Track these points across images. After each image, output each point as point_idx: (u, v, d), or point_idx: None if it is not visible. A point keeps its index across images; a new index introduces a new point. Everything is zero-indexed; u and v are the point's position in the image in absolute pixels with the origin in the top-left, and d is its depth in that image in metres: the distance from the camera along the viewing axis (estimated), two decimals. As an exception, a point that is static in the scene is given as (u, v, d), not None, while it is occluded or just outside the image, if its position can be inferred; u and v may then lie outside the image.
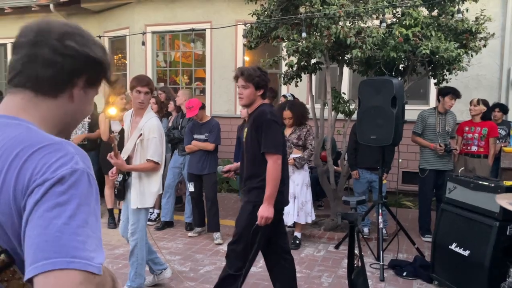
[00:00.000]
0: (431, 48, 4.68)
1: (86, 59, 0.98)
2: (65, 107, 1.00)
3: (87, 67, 0.99)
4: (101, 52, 1.02)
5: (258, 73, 3.08)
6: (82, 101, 1.02)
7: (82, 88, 1.00)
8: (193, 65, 8.70)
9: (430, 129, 5.32)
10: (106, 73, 1.05)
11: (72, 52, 0.96)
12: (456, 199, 3.82)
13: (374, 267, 4.37)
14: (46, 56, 0.94)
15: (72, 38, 0.97)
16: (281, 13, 5.20)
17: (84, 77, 0.99)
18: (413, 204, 6.64)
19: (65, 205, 0.82)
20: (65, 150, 0.88)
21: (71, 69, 0.97)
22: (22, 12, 10.09)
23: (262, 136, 2.98)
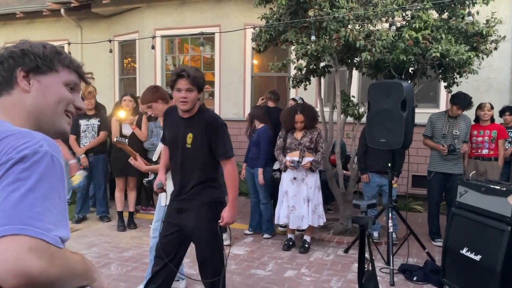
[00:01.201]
0: (441, 51, 4.65)
1: (18, 54, 1.09)
2: (25, 99, 1.08)
3: (19, 60, 1.08)
4: (38, 47, 1.12)
5: (200, 75, 2.94)
6: (40, 89, 1.10)
7: (27, 78, 1.08)
8: (202, 69, 8.73)
9: (437, 132, 5.31)
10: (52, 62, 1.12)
11: (8, 53, 1.09)
12: (467, 203, 3.78)
13: (384, 272, 4.34)
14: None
15: (16, 45, 1.11)
16: (290, 16, 5.20)
17: (21, 68, 1.08)
18: (423, 208, 6.59)
19: (25, 180, 0.87)
20: (31, 136, 0.94)
21: (7, 67, 1.08)
22: (33, 17, 10.22)
23: (219, 141, 2.89)
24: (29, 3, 10.30)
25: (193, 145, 2.94)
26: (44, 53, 1.11)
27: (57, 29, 10.26)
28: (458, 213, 3.85)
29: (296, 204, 4.91)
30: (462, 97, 5.20)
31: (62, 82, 1.14)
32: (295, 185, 4.93)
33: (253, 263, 4.63)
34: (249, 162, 5.53)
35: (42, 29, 10.41)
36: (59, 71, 1.13)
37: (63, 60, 1.14)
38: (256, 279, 4.22)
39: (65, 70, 1.15)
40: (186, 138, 2.97)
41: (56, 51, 1.14)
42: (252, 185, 5.53)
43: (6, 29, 10.79)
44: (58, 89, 1.13)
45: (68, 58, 1.16)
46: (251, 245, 5.22)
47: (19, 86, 1.08)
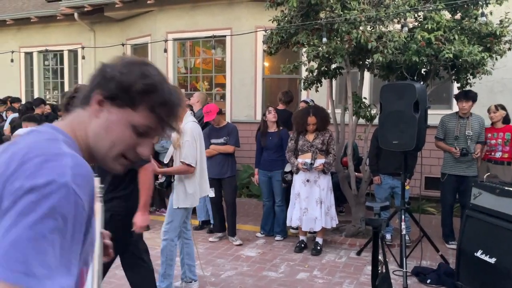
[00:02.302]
0: (454, 52, 4.62)
1: (106, 76, 1.01)
2: (92, 121, 1.01)
3: (104, 82, 1.00)
4: (128, 72, 1.00)
5: None
6: (106, 121, 1.00)
7: (100, 102, 1.00)
8: (213, 71, 8.78)
9: (449, 134, 5.26)
10: (133, 98, 0.99)
11: (101, 72, 1.02)
12: (481, 205, 3.74)
13: (397, 274, 4.31)
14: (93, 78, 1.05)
15: (111, 63, 1.04)
16: (301, 18, 5.21)
17: (99, 92, 1.00)
18: (436, 210, 6.53)
19: (27, 214, 0.77)
20: (58, 161, 0.85)
21: (93, 83, 1.02)
22: (47, 21, 10.38)
23: None
24: (43, 7, 10.46)
25: None
26: (132, 86, 0.98)
27: (71, 33, 10.40)
28: (472, 215, 3.81)
29: (308, 206, 4.91)
30: (462, 91, 5.20)
31: (132, 123, 0.99)
32: (308, 187, 4.93)
33: (265, 265, 4.63)
34: (267, 165, 5.49)
35: (56, 33, 10.56)
36: (137, 110, 0.99)
37: (151, 101, 0.99)
38: (268, 281, 4.22)
39: (145, 112, 1.00)
40: None
41: (148, 89, 0.99)
42: (268, 188, 5.51)
43: (21, 34, 10.96)
44: (121, 130, 1.00)
45: (159, 101, 1.00)
46: (263, 247, 5.23)
47: (92, 106, 1.01)
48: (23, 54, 10.86)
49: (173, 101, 1.02)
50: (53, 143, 0.91)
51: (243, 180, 7.60)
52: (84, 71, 10.39)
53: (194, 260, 3.99)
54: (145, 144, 1.03)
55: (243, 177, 7.61)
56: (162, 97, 1.00)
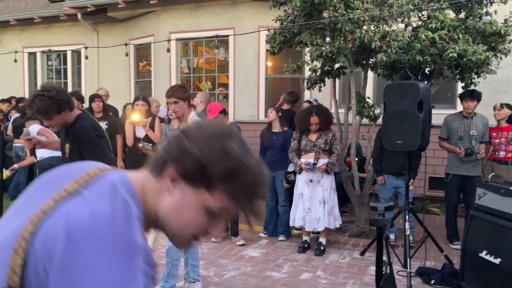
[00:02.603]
0: (458, 51, 4.59)
1: (182, 149, 0.90)
2: (163, 197, 0.93)
3: (179, 156, 0.90)
4: (207, 149, 0.89)
5: (49, 102, 2.80)
6: (178, 201, 0.91)
7: (174, 179, 0.91)
8: (216, 71, 8.77)
9: (453, 134, 5.24)
10: (209, 179, 0.88)
11: (176, 142, 0.92)
12: (486, 206, 3.72)
13: (401, 275, 4.29)
14: (166, 144, 0.95)
15: (188, 131, 0.94)
16: (305, 18, 5.19)
17: (173, 168, 0.90)
18: (440, 210, 6.50)
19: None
20: (134, 263, 0.79)
21: (168, 154, 0.92)
22: (50, 21, 10.40)
23: (87, 155, 2.81)
24: (47, 8, 10.49)
25: (69, 155, 2.97)
26: (211, 169, 0.87)
27: (74, 33, 10.42)
28: (476, 216, 3.79)
29: (311, 206, 4.89)
30: (466, 90, 5.18)
31: (206, 206, 0.91)
32: (311, 187, 4.91)
33: (268, 265, 4.62)
34: (269, 165, 5.47)
35: (60, 33, 10.58)
36: (214, 192, 0.89)
37: (230, 185, 0.89)
38: (272, 281, 4.21)
39: (222, 195, 0.89)
40: (65, 148, 3.00)
41: (229, 174, 0.88)
42: (271, 188, 5.50)
43: (25, 34, 10.99)
44: (195, 213, 0.92)
45: (240, 186, 0.89)
46: (266, 247, 5.22)
47: (164, 181, 0.92)
48: (26, 54, 10.89)
49: (256, 184, 0.91)
50: (129, 230, 0.83)
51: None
52: (87, 71, 10.42)
53: (198, 260, 3.97)
54: (218, 225, 0.94)
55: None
56: (243, 182, 0.89)
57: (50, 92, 2.83)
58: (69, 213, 0.83)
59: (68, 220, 0.81)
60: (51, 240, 0.79)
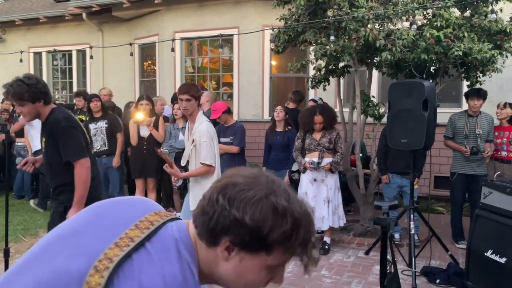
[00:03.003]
0: (463, 50, 4.56)
1: (232, 220, 0.87)
2: (220, 263, 0.92)
3: (231, 226, 0.87)
4: (259, 216, 0.86)
5: (23, 89, 2.86)
6: (237, 267, 0.91)
7: (230, 250, 0.90)
8: (221, 71, 8.78)
9: (458, 132, 5.20)
10: (267, 241, 0.87)
11: (220, 209, 0.88)
12: (491, 205, 3.70)
13: (406, 274, 4.27)
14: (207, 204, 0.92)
15: (228, 193, 0.89)
16: (309, 17, 5.18)
17: (228, 238, 0.88)
18: (445, 209, 6.47)
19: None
20: None
21: (216, 224, 0.89)
22: (56, 21, 10.45)
23: (61, 145, 2.93)
24: (52, 8, 10.53)
25: (45, 149, 3.04)
26: (267, 235, 0.86)
27: (79, 33, 10.45)
28: (482, 215, 3.77)
29: (316, 205, 4.88)
30: (473, 89, 5.14)
31: (266, 265, 0.91)
32: (315, 186, 4.91)
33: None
34: (274, 165, 5.47)
35: (65, 33, 10.62)
36: (272, 252, 0.89)
37: (290, 241, 0.88)
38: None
39: (281, 253, 0.90)
40: (41, 142, 3.09)
41: (286, 236, 0.87)
42: None
43: (30, 34, 11.04)
44: (256, 275, 0.92)
45: (296, 243, 0.89)
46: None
47: (219, 251, 0.91)
48: (32, 54, 10.94)
49: (309, 233, 0.91)
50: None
51: (250, 179, 7.58)
52: (92, 71, 10.46)
53: None
54: (279, 274, 0.96)
55: (250, 176, 7.59)
56: (299, 237, 0.89)
57: (30, 80, 2.91)
58: (141, 279, 0.83)
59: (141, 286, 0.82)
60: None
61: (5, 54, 9.87)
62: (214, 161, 3.59)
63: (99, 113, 5.93)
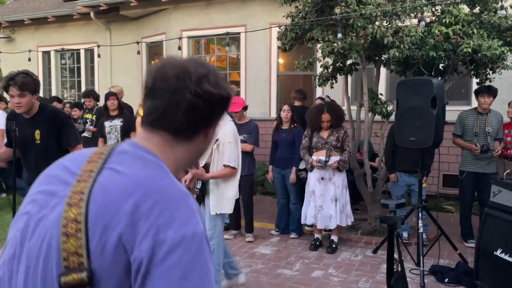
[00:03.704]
0: (473, 47, 4.51)
1: (221, 100, 0.98)
2: (199, 146, 1.02)
3: (221, 107, 1.00)
4: (228, 88, 1.01)
5: (28, 80, 3.14)
6: (212, 137, 1.04)
7: (216, 126, 1.03)
8: (228, 69, 8.77)
9: (468, 130, 5.15)
10: (228, 107, 1.04)
11: (209, 96, 0.95)
12: (501, 203, 3.66)
13: (414, 273, 4.25)
14: (189, 102, 0.94)
15: (207, 80, 0.96)
16: (316, 14, 5.16)
17: (219, 116, 1.01)
18: (454, 208, 6.42)
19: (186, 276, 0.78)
20: (189, 207, 0.84)
21: (210, 112, 0.97)
22: (64, 20, 10.51)
23: (63, 133, 3.28)
24: (60, 7, 10.60)
25: (42, 140, 3.27)
26: (230, 95, 1.02)
27: (87, 32, 10.51)
28: (491, 214, 3.73)
29: (323, 204, 4.86)
30: (483, 86, 5.08)
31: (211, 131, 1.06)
32: (322, 184, 4.88)
33: (280, 262, 4.61)
34: (280, 163, 5.46)
35: (73, 32, 10.69)
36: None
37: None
38: (283, 279, 4.20)
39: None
40: (34, 135, 3.28)
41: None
42: (282, 186, 5.48)
43: (39, 33, 11.12)
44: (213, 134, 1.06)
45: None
46: (278, 244, 5.20)
47: (205, 134, 1.00)
48: (40, 53, 11.02)
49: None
50: (166, 177, 0.89)
51: (258, 177, 7.58)
52: (100, 70, 10.51)
53: (230, 257, 3.88)
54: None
55: (258, 174, 7.58)
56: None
57: (30, 73, 3.21)
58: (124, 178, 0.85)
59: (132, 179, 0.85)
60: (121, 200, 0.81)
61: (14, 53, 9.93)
62: (238, 163, 3.50)
63: (116, 111, 5.95)
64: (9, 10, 12.15)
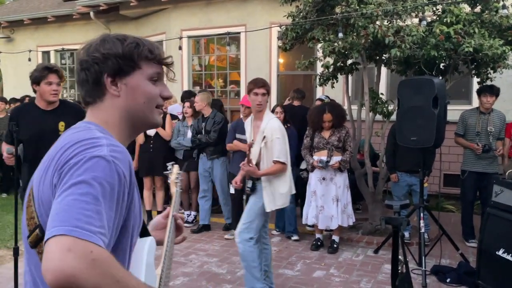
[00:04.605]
0: (474, 46, 4.50)
1: (100, 59, 1.08)
2: (116, 103, 1.11)
3: (104, 65, 1.08)
4: (118, 46, 1.09)
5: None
6: (129, 92, 1.11)
7: (115, 82, 1.10)
8: (228, 68, 8.76)
9: (470, 130, 5.14)
10: (133, 59, 1.10)
11: (92, 59, 1.09)
12: (503, 203, 3.64)
13: (415, 273, 4.23)
14: (78, 71, 1.12)
15: (91, 48, 1.10)
16: (317, 13, 5.14)
17: (106, 74, 1.09)
18: (455, 208, 6.41)
19: (78, 184, 0.90)
20: (96, 143, 0.98)
21: (94, 74, 1.09)
22: (64, 20, 10.49)
23: None
24: (60, 7, 10.57)
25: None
26: (124, 51, 1.09)
27: (87, 32, 10.48)
28: (493, 213, 3.71)
29: (325, 204, 4.85)
30: (486, 85, 5.07)
31: (146, 78, 1.13)
32: (324, 184, 4.87)
33: (281, 262, 4.60)
34: None
35: (73, 32, 10.66)
36: (141, 66, 1.12)
37: (142, 52, 1.12)
38: (284, 279, 4.19)
39: (146, 63, 1.13)
40: (58, 126, 3.25)
41: (134, 44, 1.11)
42: None
43: (38, 33, 11.10)
44: (145, 88, 1.13)
45: (146, 48, 1.13)
46: (279, 244, 5.19)
47: (108, 92, 1.11)
48: (40, 53, 11.00)
49: (151, 43, 1.17)
50: (88, 132, 1.03)
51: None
52: (100, 70, 10.47)
53: (271, 267, 3.81)
54: (164, 88, 1.19)
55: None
56: (146, 45, 1.13)
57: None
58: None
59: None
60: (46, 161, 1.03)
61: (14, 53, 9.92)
62: (287, 159, 3.47)
63: None
64: (8, 10, 12.12)
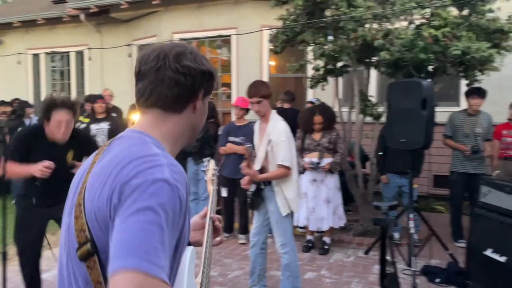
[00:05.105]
0: (462, 49, 4.56)
1: (201, 74, 1.09)
2: (189, 119, 1.12)
3: (203, 80, 1.10)
4: (208, 63, 1.13)
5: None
6: (202, 110, 1.14)
7: (202, 99, 1.13)
8: (220, 71, 8.77)
9: (459, 131, 5.20)
10: (214, 81, 1.15)
11: (188, 70, 1.07)
12: (491, 204, 3.70)
13: (405, 274, 4.27)
14: (170, 77, 1.06)
15: (184, 57, 1.08)
16: (307, 17, 5.18)
17: (202, 89, 1.11)
18: (445, 208, 6.47)
19: (143, 211, 0.85)
20: (156, 161, 0.93)
21: (192, 85, 1.08)
22: (54, 23, 10.43)
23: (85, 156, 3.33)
24: (50, 9, 10.52)
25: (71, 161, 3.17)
26: (214, 76, 1.14)
27: (77, 34, 10.44)
28: (481, 214, 3.77)
29: (316, 206, 4.88)
30: (474, 87, 5.12)
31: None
32: (315, 186, 4.90)
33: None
34: None
35: (63, 35, 10.61)
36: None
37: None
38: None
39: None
40: (66, 158, 3.14)
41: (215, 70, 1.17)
42: None
43: (28, 36, 11.03)
44: (206, 109, 1.18)
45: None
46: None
47: (190, 106, 1.11)
48: (30, 55, 10.93)
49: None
50: (145, 146, 1.00)
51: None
52: (91, 72, 10.44)
53: (265, 270, 3.80)
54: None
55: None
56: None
57: None
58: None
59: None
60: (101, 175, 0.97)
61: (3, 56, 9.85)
62: (292, 163, 3.36)
63: (103, 114, 5.86)
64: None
